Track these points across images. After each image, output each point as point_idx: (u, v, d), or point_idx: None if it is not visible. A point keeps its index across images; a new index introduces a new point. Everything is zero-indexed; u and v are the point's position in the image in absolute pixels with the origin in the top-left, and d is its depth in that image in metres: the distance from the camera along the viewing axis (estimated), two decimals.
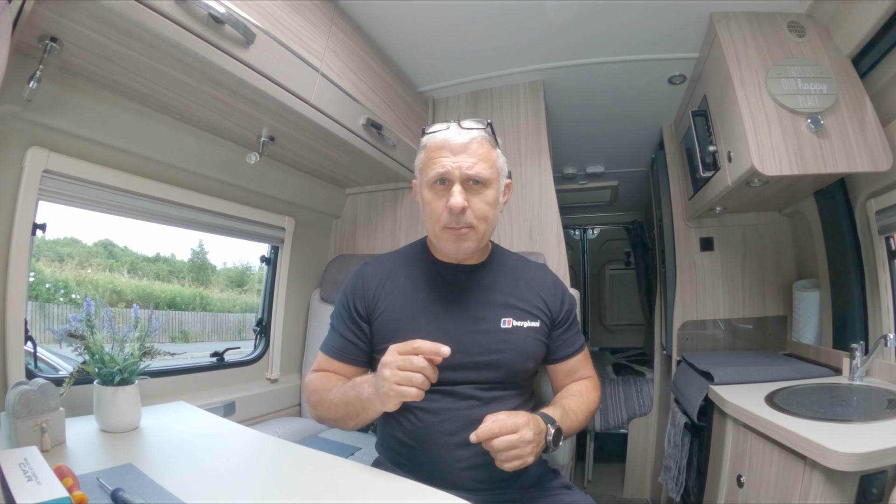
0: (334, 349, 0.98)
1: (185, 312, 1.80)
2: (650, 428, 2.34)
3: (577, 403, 0.96)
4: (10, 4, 0.72)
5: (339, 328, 0.99)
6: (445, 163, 0.88)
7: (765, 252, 1.94)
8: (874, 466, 0.80)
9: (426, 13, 1.45)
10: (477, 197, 0.89)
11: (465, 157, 0.88)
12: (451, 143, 0.89)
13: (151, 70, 0.99)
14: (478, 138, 0.89)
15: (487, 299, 0.96)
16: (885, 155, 1.21)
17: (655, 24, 1.50)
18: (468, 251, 0.92)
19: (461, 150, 0.88)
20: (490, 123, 0.93)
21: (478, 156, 0.88)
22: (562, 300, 1.02)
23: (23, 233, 0.97)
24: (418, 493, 0.70)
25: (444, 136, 0.90)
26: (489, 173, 0.89)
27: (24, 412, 0.78)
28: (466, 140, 0.89)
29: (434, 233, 0.93)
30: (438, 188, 0.90)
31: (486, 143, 0.91)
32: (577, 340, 1.04)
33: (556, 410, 0.91)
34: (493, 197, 0.91)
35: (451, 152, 0.88)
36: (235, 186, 1.50)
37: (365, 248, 1.97)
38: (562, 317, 1.02)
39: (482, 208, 0.89)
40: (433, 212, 0.90)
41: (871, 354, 1.27)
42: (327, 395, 0.90)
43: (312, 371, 1.00)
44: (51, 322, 1.22)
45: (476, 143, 0.89)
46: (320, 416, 0.94)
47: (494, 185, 0.91)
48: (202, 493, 0.67)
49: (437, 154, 0.90)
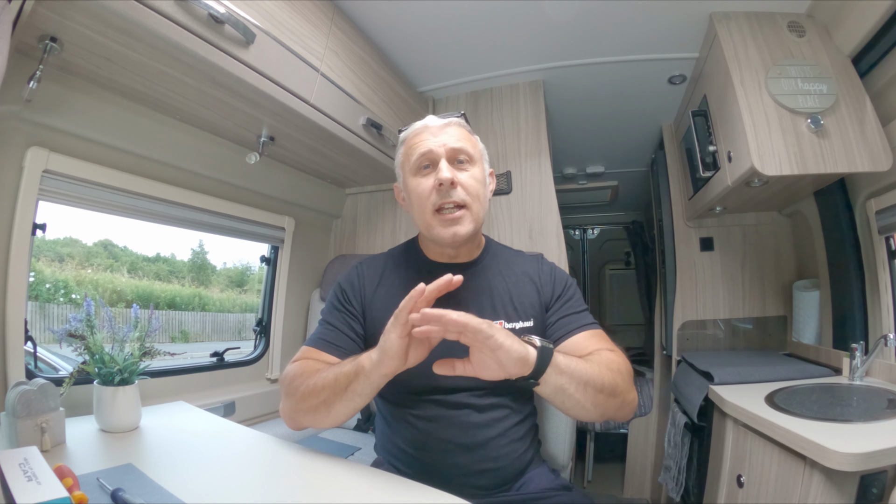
0: (323, 340, 0.89)
1: (185, 312, 1.80)
2: (650, 428, 2.33)
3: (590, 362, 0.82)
4: (10, 4, 0.72)
5: (331, 320, 0.93)
6: (428, 143, 0.88)
7: (765, 252, 1.94)
8: (874, 466, 0.80)
9: (426, 13, 1.45)
10: (465, 173, 0.88)
11: (446, 136, 0.89)
12: (430, 127, 0.91)
13: (151, 70, 0.99)
14: (454, 122, 0.92)
15: (479, 301, 0.93)
16: (885, 155, 1.21)
17: (655, 23, 1.50)
18: (464, 235, 0.86)
19: (441, 131, 0.90)
20: (464, 114, 0.96)
21: (458, 135, 0.90)
22: (552, 281, 0.96)
23: (23, 233, 0.97)
24: (418, 493, 0.70)
25: (423, 123, 0.92)
26: (473, 151, 0.91)
27: (24, 412, 0.78)
28: (444, 122, 0.91)
29: (425, 221, 0.88)
30: (424, 172, 0.89)
31: (464, 129, 0.93)
32: (580, 319, 0.92)
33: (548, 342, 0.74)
34: (482, 175, 0.91)
35: (432, 134, 0.89)
36: (235, 186, 1.50)
37: (365, 248, 1.97)
38: (553, 298, 0.94)
39: (472, 185, 0.87)
40: (420, 196, 0.87)
41: (871, 354, 1.27)
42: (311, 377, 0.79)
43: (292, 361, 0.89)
44: (51, 322, 1.22)
45: (454, 126, 0.91)
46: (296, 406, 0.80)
47: (480, 164, 0.92)
48: (202, 493, 0.67)
49: (417, 140, 0.90)
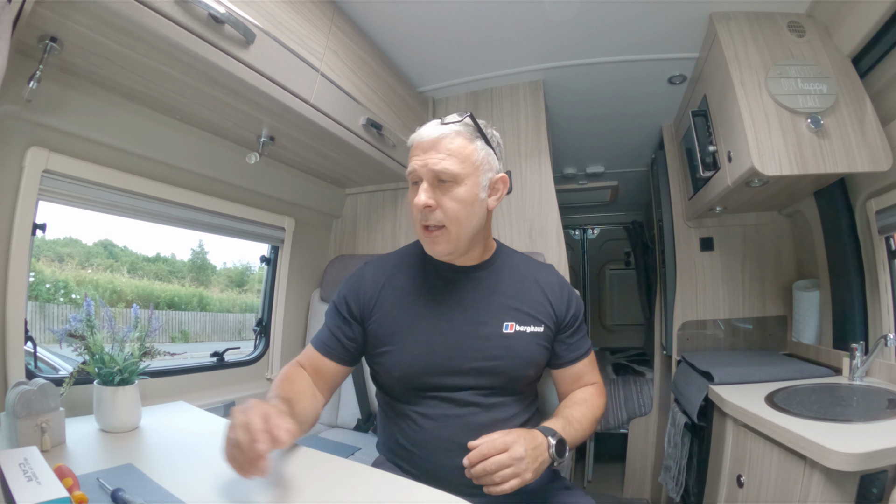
0: (320, 342, 0.99)
1: (185, 312, 1.80)
2: (650, 428, 2.33)
3: (580, 412, 0.94)
4: (10, 4, 0.72)
5: (330, 325, 0.99)
6: (415, 162, 0.88)
7: (765, 252, 1.94)
8: (874, 466, 0.80)
9: (426, 13, 1.45)
10: (446, 195, 0.86)
11: (433, 153, 0.86)
12: (422, 142, 0.88)
13: (151, 70, 0.99)
14: (450, 133, 0.87)
15: (489, 302, 0.94)
16: (885, 155, 1.21)
17: (655, 24, 1.50)
18: (442, 254, 0.91)
19: (430, 146, 0.87)
20: (471, 115, 0.90)
21: (447, 151, 0.86)
22: (568, 303, 0.99)
23: (23, 233, 0.97)
24: (418, 493, 0.70)
25: (418, 136, 0.90)
26: (459, 168, 0.85)
27: (24, 412, 0.78)
28: (436, 136, 0.87)
29: (417, 232, 0.93)
30: (414, 188, 0.90)
31: (461, 137, 0.87)
32: (584, 345, 1.01)
33: (559, 422, 0.89)
34: (466, 194, 0.86)
35: (422, 150, 0.88)
36: (235, 186, 1.50)
37: (365, 248, 1.97)
38: (568, 320, 0.98)
39: (451, 207, 0.86)
40: (412, 211, 0.90)
41: (871, 354, 1.27)
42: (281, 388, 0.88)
43: (294, 362, 1.00)
44: (51, 322, 1.22)
45: (448, 139, 0.86)
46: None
47: (469, 181, 0.87)
48: (202, 493, 0.67)
49: (412, 153, 0.90)
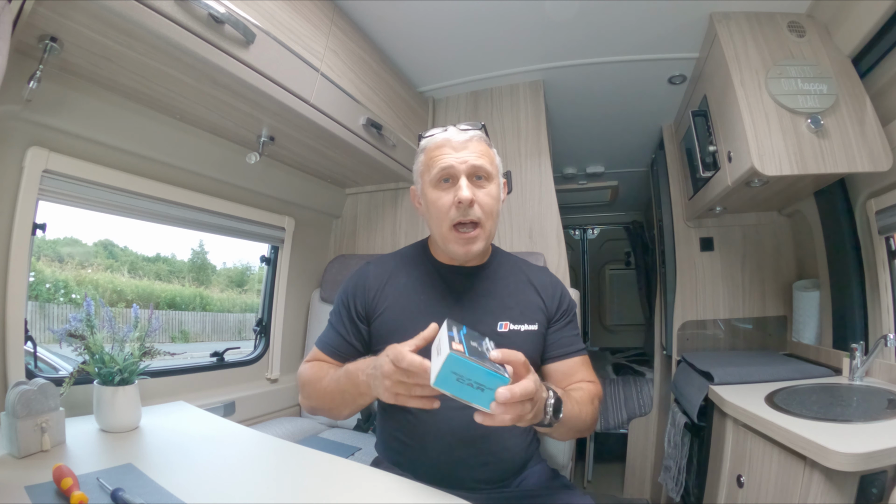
0: (329, 346, 0.98)
1: (185, 312, 1.80)
2: (650, 428, 2.34)
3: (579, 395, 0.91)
4: (10, 4, 0.72)
5: (337, 326, 0.99)
6: (449, 159, 0.90)
7: (765, 252, 1.94)
8: (874, 466, 0.80)
9: (426, 13, 1.45)
10: (482, 191, 0.91)
11: (468, 152, 0.91)
12: (452, 141, 0.92)
13: (151, 70, 0.99)
14: (475, 137, 0.93)
15: (486, 302, 0.96)
16: (885, 155, 1.21)
17: (655, 24, 1.50)
18: (476, 253, 0.93)
19: (462, 146, 0.91)
20: (483, 126, 0.97)
21: (479, 151, 0.92)
22: (560, 298, 1.02)
23: (23, 233, 0.97)
24: (418, 492, 0.70)
25: (445, 136, 0.93)
26: (491, 168, 0.93)
27: (24, 412, 0.78)
28: (466, 137, 0.92)
29: (441, 234, 0.92)
30: (444, 186, 0.91)
31: (483, 142, 0.94)
32: (575, 343, 1.01)
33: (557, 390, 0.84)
34: (496, 192, 0.94)
35: (453, 149, 0.91)
36: (235, 186, 1.50)
37: (365, 248, 1.97)
38: (558, 315, 1.00)
39: (488, 202, 0.91)
40: (440, 210, 0.91)
41: (871, 354, 1.27)
42: (319, 384, 0.89)
43: (305, 362, 1.00)
44: (51, 322, 1.22)
45: (475, 141, 0.92)
46: (313, 406, 0.93)
47: (496, 180, 0.94)
48: (202, 493, 0.67)
49: (438, 153, 0.91)
